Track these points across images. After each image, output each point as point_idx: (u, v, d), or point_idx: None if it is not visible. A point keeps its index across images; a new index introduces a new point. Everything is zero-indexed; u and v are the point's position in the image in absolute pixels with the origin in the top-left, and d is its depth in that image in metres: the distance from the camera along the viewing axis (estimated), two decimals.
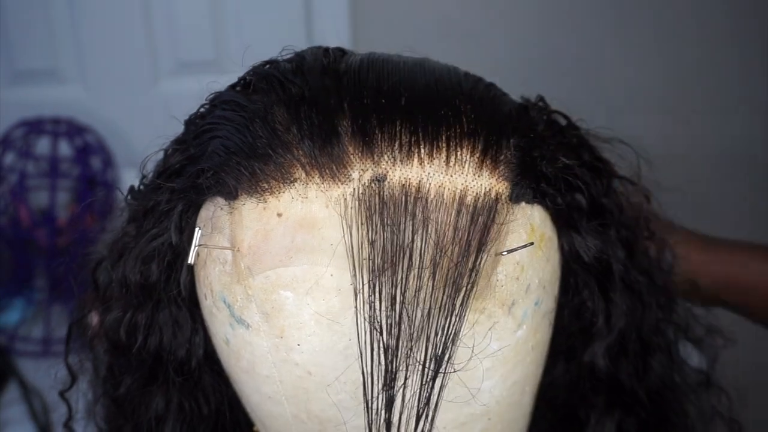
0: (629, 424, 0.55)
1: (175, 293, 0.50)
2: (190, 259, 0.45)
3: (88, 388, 0.59)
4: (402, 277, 0.41)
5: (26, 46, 1.64)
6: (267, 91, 0.46)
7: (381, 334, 0.42)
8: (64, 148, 1.45)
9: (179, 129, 0.51)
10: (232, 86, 0.49)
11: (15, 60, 1.64)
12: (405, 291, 0.41)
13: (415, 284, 0.41)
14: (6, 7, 1.59)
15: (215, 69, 1.57)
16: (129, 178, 0.54)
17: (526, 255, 0.44)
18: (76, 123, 1.48)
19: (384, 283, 0.41)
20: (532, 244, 0.44)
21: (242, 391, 0.49)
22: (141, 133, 0.52)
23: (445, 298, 0.42)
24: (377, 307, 0.41)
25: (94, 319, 0.56)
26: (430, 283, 0.41)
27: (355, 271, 0.41)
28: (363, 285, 0.41)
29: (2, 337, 1.37)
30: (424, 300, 0.42)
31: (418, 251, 0.41)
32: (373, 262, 0.41)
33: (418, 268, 0.41)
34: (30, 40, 1.63)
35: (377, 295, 0.41)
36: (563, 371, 0.54)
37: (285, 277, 0.42)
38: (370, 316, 0.41)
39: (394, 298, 0.41)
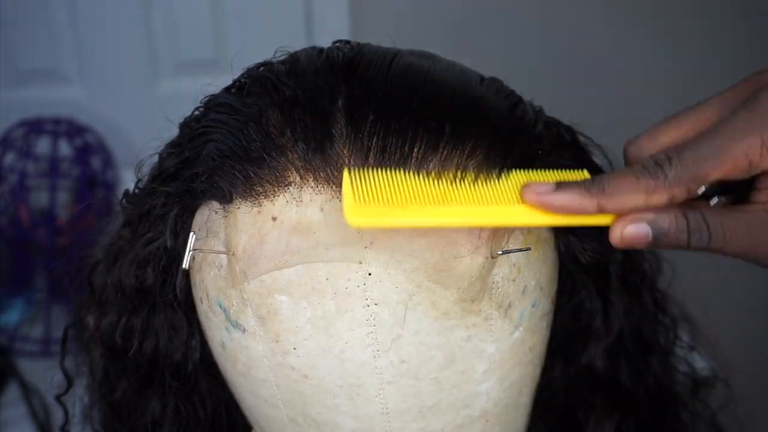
0: (629, 424, 0.55)
1: (170, 297, 0.50)
2: (185, 264, 0.45)
3: (85, 392, 0.59)
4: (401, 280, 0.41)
5: (26, 46, 1.64)
6: (261, 94, 0.46)
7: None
8: (64, 148, 1.45)
9: (176, 131, 0.51)
10: (227, 89, 0.49)
11: (15, 60, 1.64)
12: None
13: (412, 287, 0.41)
14: (6, 7, 1.59)
15: (215, 69, 1.57)
16: (129, 178, 0.53)
17: (523, 256, 0.44)
18: (76, 123, 1.48)
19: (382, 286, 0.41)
20: (529, 248, 0.44)
21: (239, 395, 0.49)
22: (141, 133, 0.52)
23: (446, 303, 0.42)
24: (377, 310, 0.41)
25: (91, 322, 0.56)
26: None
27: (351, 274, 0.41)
28: (359, 287, 0.41)
29: (2, 337, 1.37)
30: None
31: (416, 254, 0.41)
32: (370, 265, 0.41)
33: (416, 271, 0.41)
34: (30, 40, 1.63)
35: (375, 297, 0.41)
36: (562, 373, 0.54)
37: (280, 281, 0.42)
38: (367, 319, 0.41)
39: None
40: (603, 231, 0.50)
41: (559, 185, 0.39)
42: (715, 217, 0.38)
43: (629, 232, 0.38)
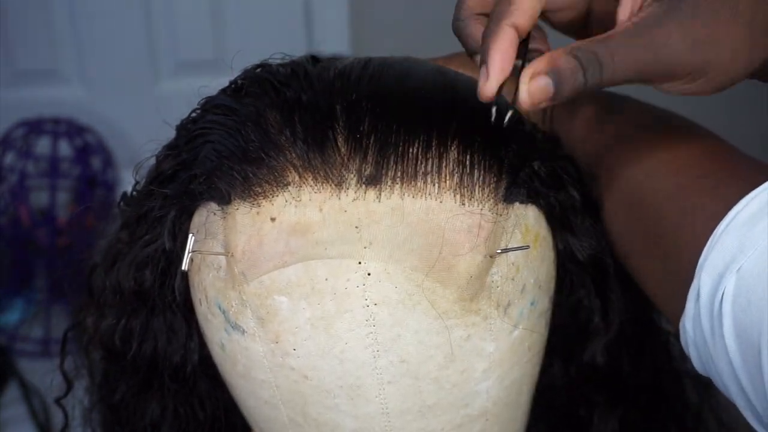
0: (633, 417, 0.55)
1: (169, 299, 0.50)
2: (184, 266, 0.45)
3: (85, 394, 0.59)
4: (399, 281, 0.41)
5: (26, 47, 1.64)
6: (259, 95, 0.46)
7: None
8: (64, 148, 1.45)
9: (174, 133, 0.51)
10: (223, 90, 0.49)
11: (15, 60, 1.64)
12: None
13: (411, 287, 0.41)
14: (6, 7, 1.59)
15: (215, 69, 1.57)
16: (129, 179, 0.54)
17: (521, 255, 0.44)
18: (76, 123, 1.48)
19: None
20: (527, 247, 0.44)
21: (238, 396, 0.49)
22: (141, 133, 0.52)
23: (445, 302, 0.42)
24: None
25: (90, 324, 0.55)
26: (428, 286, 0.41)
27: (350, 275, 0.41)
28: (358, 288, 0.41)
29: (2, 337, 1.37)
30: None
31: (415, 253, 0.41)
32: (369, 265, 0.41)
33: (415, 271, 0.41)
34: (30, 40, 1.64)
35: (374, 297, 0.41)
36: (562, 371, 0.54)
37: (279, 282, 0.42)
38: (367, 320, 0.41)
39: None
40: (601, 226, 0.50)
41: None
42: (599, 46, 0.38)
43: (534, 87, 0.39)
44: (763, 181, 0.38)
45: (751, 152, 0.45)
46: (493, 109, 0.41)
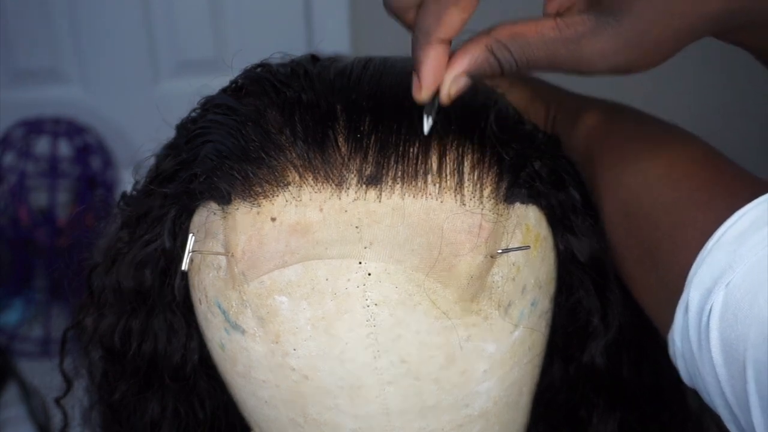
0: (632, 420, 0.55)
1: (169, 299, 0.49)
2: (184, 266, 0.45)
3: (84, 394, 0.59)
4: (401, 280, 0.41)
5: (26, 46, 1.64)
6: (259, 95, 0.46)
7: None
8: (64, 148, 1.45)
9: (174, 132, 0.51)
10: (224, 90, 0.49)
11: (15, 60, 1.64)
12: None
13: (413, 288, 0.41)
14: (6, 7, 1.60)
15: (215, 69, 1.57)
16: (128, 179, 0.54)
17: (522, 255, 0.44)
18: (76, 123, 1.48)
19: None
20: (528, 247, 0.44)
21: (238, 396, 0.49)
22: (141, 133, 0.52)
23: (446, 303, 0.42)
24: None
25: (90, 324, 0.55)
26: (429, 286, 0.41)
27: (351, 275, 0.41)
28: (358, 288, 0.41)
29: (2, 337, 1.37)
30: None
31: (415, 253, 0.41)
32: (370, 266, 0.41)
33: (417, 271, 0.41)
34: (30, 40, 1.64)
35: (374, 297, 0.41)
36: (562, 373, 0.54)
37: (280, 282, 0.42)
38: (367, 320, 0.41)
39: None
40: (601, 229, 0.50)
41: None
42: (516, 45, 0.39)
43: (454, 89, 0.40)
44: (755, 196, 0.38)
45: (750, 152, 0.45)
46: (425, 120, 0.42)
